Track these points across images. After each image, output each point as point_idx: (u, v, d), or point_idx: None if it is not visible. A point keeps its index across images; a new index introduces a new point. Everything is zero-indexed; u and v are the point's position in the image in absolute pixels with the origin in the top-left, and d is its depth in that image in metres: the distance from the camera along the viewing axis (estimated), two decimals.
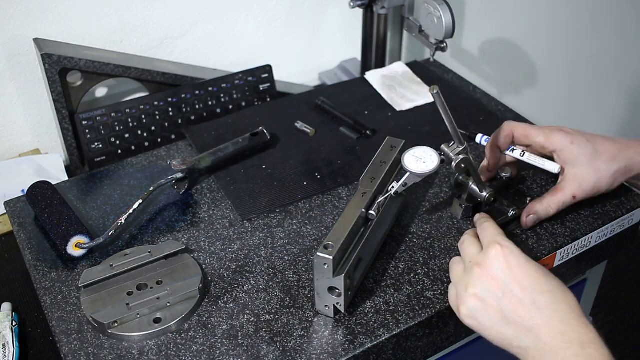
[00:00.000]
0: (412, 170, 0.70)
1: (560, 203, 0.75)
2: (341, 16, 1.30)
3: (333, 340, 0.67)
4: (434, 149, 0.72)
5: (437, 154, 0.71)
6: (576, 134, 0.74)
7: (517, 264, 0.59)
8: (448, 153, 0.73)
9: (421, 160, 0.71)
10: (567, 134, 0.74)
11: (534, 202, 0.76)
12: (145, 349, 0.67)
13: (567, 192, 0.74)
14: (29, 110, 1.09)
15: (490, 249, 0.61)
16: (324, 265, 0.64)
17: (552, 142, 0.74)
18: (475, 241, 0.65)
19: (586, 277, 0.97)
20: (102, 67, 1.00)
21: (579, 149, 0.73)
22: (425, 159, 0.71)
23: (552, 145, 0.74)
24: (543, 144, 0.75)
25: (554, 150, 0.75)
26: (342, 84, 1.13)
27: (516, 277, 0.59)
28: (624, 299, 1.63)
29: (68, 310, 0.71)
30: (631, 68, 1.04)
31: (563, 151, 0.74)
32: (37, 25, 1.02)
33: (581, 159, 0.73)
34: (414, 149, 0.72)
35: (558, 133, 0.74)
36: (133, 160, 0.94)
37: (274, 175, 0.90)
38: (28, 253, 0.79)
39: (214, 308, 0.71)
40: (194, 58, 1.19)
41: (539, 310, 0.57)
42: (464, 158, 0.72)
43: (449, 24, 1.00)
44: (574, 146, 0.73)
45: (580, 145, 0.73)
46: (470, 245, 0.65)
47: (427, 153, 0.72)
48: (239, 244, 0.79)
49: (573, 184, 0.74)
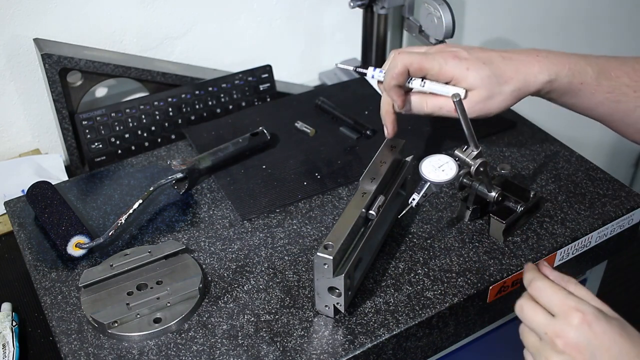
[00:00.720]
0: (433, 180, 0.69)
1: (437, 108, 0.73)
2: (341, 16, 1.30)
3: (333, 340, 0.67)
4: (448, 155, 0.71)
5: (454, 161, 0.71)
6: (471, 59, 0.72)
7: (602, 332, 0.55)
8: (464, 158, 0.72)
9: (440, 169, 0.70)
10: (462, 60, 0.72)
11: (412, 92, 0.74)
12: (145, 349, 0.67)
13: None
14: (29, 110, 1.09)
15: (571, 317, 0.56)
16: (324, 265, 0.64)
17: (446, 72, 0.72)
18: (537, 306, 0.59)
19: (586, 277, 0.97)
20: (102, 67, 1.00)
21: (475, 73, 0.71)
22: (443, 167, 0.70)
23: (448, 75, 0.72)
24: (438, 76, 0.73)
25: (450, 79, 0.72)
26: (342, 84, 1.13)
27: (604, 346, 0.55)
28: (624, 299, 1.63)
29: (68, 310, 0.71)
30: None
31: (459, 80, 0.72)
32: (37, 25, 1.02)
33: (477, 83, 0.71)
34: (429, 158, 0.71)
35: (452, 61, 0.72)
36: (133, 160, 0.94)
37: (274, 175, 0.90)
38: (28, 253, 0.79)
39: (214, 308, 0.71)
40: (194, 58, 1.19)
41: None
42: (483, 161, 0.72)
43: (449, 24, 1.00)
44: (469, 72, 0.71)
45: (476, 69, 0.71)
46: (536, 313, 0.59)
47: (443, 160, 0.71)
48: (239, 244, 0.79)
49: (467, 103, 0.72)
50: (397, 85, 0.73)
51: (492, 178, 0.81)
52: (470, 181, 0.77)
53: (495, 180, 0.80)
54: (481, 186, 0.76)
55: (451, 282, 0.73)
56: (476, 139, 0.71)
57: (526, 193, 0.79)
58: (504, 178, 0.81)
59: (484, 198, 0.77)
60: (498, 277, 0.74)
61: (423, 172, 0.70)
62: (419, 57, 0.72)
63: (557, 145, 0.94)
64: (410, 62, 0.72)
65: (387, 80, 0.73)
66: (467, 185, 0.77)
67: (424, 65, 0.72)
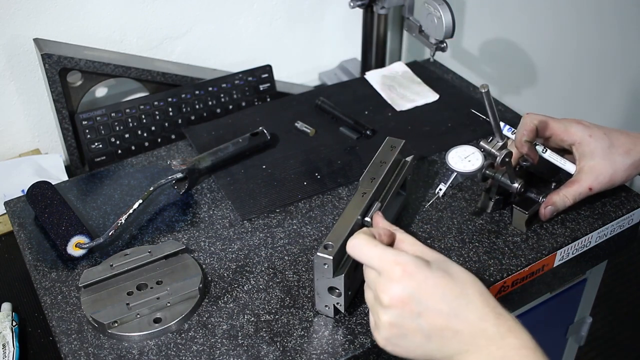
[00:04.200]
0: (460, 170, 0.71)
1: (577, 194, 0.77)
2: (341, 16, 1.30)
3: (333, 340, 0.67)
4: (474, 146, 0.73)
5: (480, 151, 0.72)
6: (594, 127, 0.77)
7: (424, 278, 0.56)
8: (489, 149, 0.73)
9: (466, 159, 0.72)
10: (586, 127, 0.77)
11: (552, 194, 0.78)
12: (145, 349, 0.67)
13: (583, 184, 0.77)
14: (29, 110, 1.09)
15: (391, 271, 0.57)
16: (324, 265, 0.64)
17: (570, 134, 0.77)
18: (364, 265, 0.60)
19: (586, 277, 0.97)
20: (102, 67, 1.00)
21: (596, 142, 0.76)
22: (469, 158, 0.72)
23: (571, 138, 0.77)
24: (562, 137, 0.78)
25: (572, 143, 0.77)
26: (342, 84, 1.13)
27: (428, 291, 0.56)
28: (624, 299, 1.63)
29: (68, 310, 0.71)
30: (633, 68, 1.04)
31: (581, 144, 0.77)
32: (37, 25, 1.02)
33: (598, 152, 0.76)
34: (455, 149, 0.73)
35: (577, 125, 0.77)
36: (133, 160, 0.94)
37: (274, 175, 0.90)
38: (28, 253, 0.79)
39: (214, 308, 0.71)
40: (194, 58, 1.19)
41: (457, 315, 0.55)
42: (508, 152, 0.73)
43: (449, 24, 1.00)
44: (591, 139, 0.76)
45: (598, 138, 0.76)
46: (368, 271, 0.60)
47: (469, 151, 0.73)
48: (239, 244, 0.79)
49: (590, 176, 0.76)
50: (527, 141, 0.78)
51: (515, 169, 0.82)
52: (493, 172, 0.78)
53: (518, 171, 0.81)
54: (504, 177, 0.77)
55: None
56: (502, 131, 0.73)
57: (548, 185, 0.81)
58: (526, 169, 0.82)
59: (507, 189, 0.78)
60: (498, 277, 0.74)
61: (450, 162, 0.72)
62: (546, 117, 0.78)
63: None
64: (539, 120, 0.78)
65: (519, 137, 0.78)
66: (490, 176, 0.78)
67: (550, 124, 0.78)
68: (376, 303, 0.58)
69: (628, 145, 0.76)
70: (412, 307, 0.56)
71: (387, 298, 0.56)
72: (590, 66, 1.09)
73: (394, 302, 0.56)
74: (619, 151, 0.76)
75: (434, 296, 0.56)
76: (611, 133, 0.77)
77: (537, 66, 1.18)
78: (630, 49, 1.03)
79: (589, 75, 1.10)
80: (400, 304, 0.56)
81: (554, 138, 0.79)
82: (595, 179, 0.76)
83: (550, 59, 1.16)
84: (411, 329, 0.56)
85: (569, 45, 1.11)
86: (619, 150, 0.76)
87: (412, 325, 0.56)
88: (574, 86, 1.13)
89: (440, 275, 0.56)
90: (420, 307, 0.55)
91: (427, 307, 0.55)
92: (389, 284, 0.57)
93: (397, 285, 0.56)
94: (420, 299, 0.55)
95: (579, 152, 0.77)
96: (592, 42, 1.07)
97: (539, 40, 1.16)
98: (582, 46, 1.09)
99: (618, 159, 0.76)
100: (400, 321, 0.56)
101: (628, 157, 0.76)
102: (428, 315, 0.55)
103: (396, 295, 0.56)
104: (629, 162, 0.76)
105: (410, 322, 0.56)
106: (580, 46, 1.09)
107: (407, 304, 0.56)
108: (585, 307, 1.02)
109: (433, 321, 0.55)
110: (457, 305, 0.55)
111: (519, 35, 1.19)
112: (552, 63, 1.15)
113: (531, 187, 0.79)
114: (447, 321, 0.55)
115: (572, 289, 0.96)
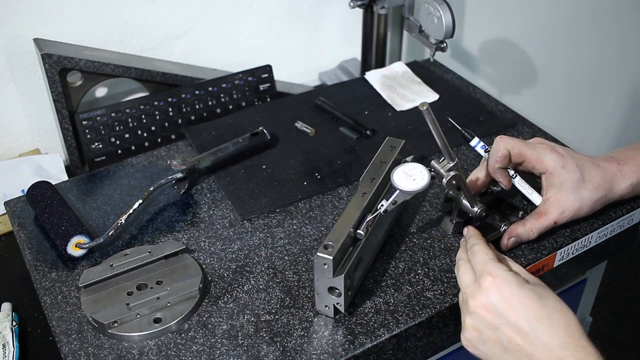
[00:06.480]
0: (402, 188, 0.68)
1: (542, 227, 0.75)
2: (341, 16, 1.30)
3: (333, 340, 0.67)
4: (424, 166, 0.70)
5: (428, 171, 0.69)
6: (567, 158, 0.75)
7: (510, 293, 0.60)
8: (438, 169, 0.71)
9: (411, 178, 0.69)
10: (559, 157, 0.75)
11: (516, 224, 0.76)
12: (145, 349, 0.67)
13: (549, 218, 0.75)
14: (29, 110, 1.09)
15: (483, 280, 0.62)
16: (324, 265, 0.64)
17: (543, 163, 0.75)
18: (469, 268, 0.66)
19: (586, 277, 0.97)
20: (102, 67, 1.00)
21: (567, 174, 0.74)
22: (415, 176, 0.69)
23: (543, 167, 0.75)
24: (534, 164, 0.75)
25: (544, 172, 0.75)
26: (342, 84, 1.13)
27: (511, 307, 0.59)
28: (624, 299, 1.63)
29: (68, 310, 0.71)
30: (631, 69, 1.04)
31: (552, 174, 0.74)
32: (37, 25, 1.02)
33: (567, 185, 0.74)
34: (404, 165, 0.70)
35: (551, 154, 0.75)
36: (133, 160, 0.94)
37: (274, 175, 0.90)
38: (28, 253, 0.79)
39: (214, 308, 0.71)
40: (194, 58, 1.19)
41: (536, 337, 0.57)
42: (455, 174, 0.71)
43: (449, 24, 1.00)
44: (563, 171, 0.74)
45: (570, 170, 0.74)
46: (465, 274, 0.65)
47: (417, 170, 0.70)
48: (239, 244, 0.79)
49: (556, 210, 0.75)
50: (500, 168, 0.76)
51: (484, 194, 0.80)
52: (456, 194, 0.76)
53: (487, 196, 0.80)
54: (464, 200, 0.76)
55: (451, 282, 0.73)
56: (451, 151, 0.70)
57: (515, 212, 0.78)
58: (496, 195, 0.80)
59: (468, 213, 0.76)
60: None
61: (394, 179, 0.69)
62: (519, 142, 0.76)
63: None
64: (512, 146, 0.75)
65: (492, 163, 0.76)
66: (453, 198, 0.77)
67: (523, 151, 0.75)
68: (464, 305, 0.63)
69: (598, 180, 0.74)
70: (492, 318, 0.60)
71: (472, 304, 0.61)
72: (589, 66, 1.09)
73: (476, 309, 0.61)
74: (588, 186, 0.74)
75: (516, 313, 0.59)
76: (584, 165, 0.75)
77: (536, 66, 1.18)
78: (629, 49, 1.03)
79: (588, 75, 1.10)
80: (482, 312, 0.60)
81: (526, 164, 0.76)
82: (561, 214, 0.75)
83: (550, 59, 1.15)
84: (490, 338, 0.60)
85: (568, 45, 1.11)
86: (589, 185, 0.74)
87: (491, 335, 0.60)
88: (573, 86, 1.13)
89: (529, 295, 0.59)
90: (500, 319, 0.59)
91: (507, 322, 0.59)
92: (477, 291, 0.62)
93: (484, 294, 0.61)
94: (502, 312, 0.59)
95: (548, 182, 0.75)
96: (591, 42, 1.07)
97: (539, 40, 1.16)
98: (582, 46, 1.09)
99: (586, 194, 0.74)
100: (481, 327, 0.61)
101: (596, 192, 0.74)
102: (506, 329, 0.59)
103: (480, 303, 0.61)
104: (595, 197, 0.75)
105: (489, 332, 0.60)
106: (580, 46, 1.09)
107: (488, 313, 0.60)
108: (585, 307, 1.02)
109: (510, 336, 0.58)
110: (537, 327, 0.57)
111: (519, 35, 1.19)
112: (551, 63, 1.15)
113: (496, 214, 0.78)
114: (524, 340, 0.58)
115: (572, 289, 0.96)
